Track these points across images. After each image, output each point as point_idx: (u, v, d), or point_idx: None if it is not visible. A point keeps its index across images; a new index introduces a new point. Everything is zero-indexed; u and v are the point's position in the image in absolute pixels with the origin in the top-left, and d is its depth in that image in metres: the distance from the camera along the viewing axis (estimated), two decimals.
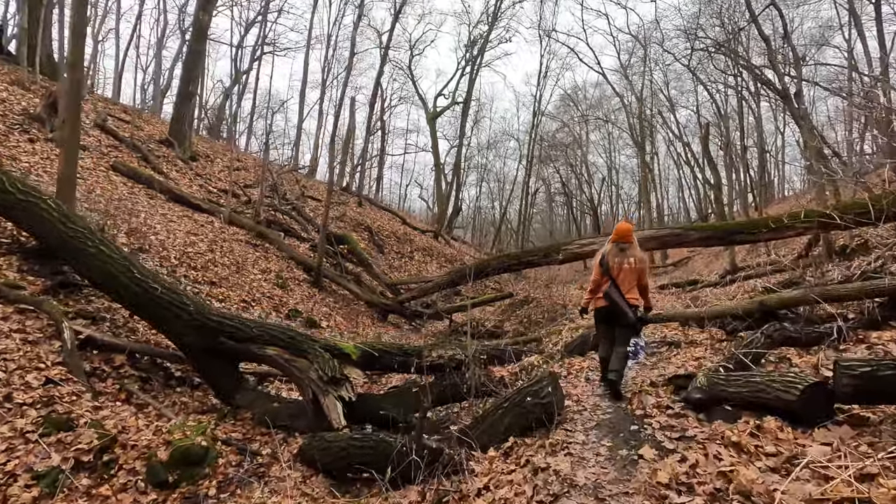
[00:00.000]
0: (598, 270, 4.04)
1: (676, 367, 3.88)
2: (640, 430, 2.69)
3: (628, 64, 31.15)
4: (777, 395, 2.49)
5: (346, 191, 20.72)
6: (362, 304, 11.25)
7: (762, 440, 2.20)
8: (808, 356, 3.45)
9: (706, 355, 4.10)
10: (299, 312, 8.58)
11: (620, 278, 3.87)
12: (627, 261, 3.92)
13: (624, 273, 3.89)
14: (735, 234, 7.73)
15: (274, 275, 9.41)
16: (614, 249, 4.03)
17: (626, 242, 3.99)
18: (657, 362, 4.28)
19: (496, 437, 2.81)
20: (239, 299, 7.65)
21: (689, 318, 5.14)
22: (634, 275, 3.90)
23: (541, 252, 9.53)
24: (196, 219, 9.98)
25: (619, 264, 3.92)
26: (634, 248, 4.02)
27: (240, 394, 4.82)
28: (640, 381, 3.63)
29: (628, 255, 3.95)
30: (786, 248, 13.74)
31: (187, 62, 12.97)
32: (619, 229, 4.08)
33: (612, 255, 3.99)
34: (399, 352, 4.82)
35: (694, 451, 2.25)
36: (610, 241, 4.10)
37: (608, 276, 3.92)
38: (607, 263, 3.95)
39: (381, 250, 16.76)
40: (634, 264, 3.92)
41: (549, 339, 6.21)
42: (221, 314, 4.84)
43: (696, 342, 4.80)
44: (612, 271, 3.91)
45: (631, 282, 3.88)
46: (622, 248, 4.00)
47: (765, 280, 8.53)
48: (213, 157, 14.94)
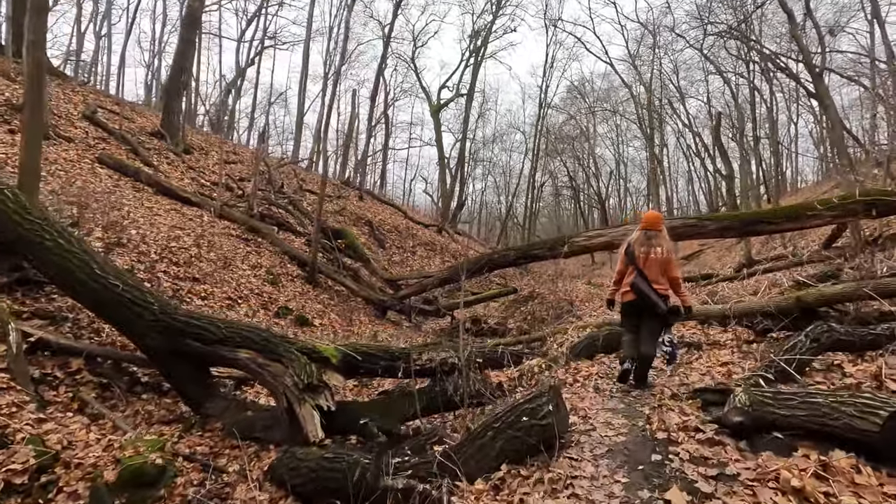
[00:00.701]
0: (623, 260, 3.88)
1: (700, 374, 3.36)
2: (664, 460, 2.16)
3: (637, 53, 30.37)
4: (849, 422, 1.94)
5: (347, 185, 20.26)
6: (360, 301, 10.80)
7: (833, 485, 1.67)
8: (864, 364, 2.88)
9: (734, 360, 3.57)
10: (290, 310, 8.13)
11: (647, 268, 3.69)
12: (654, 250, 3.73)
13: (650, 262, 3.71)
14: (755, 223, 7.15)
15: (265, 270, 8.97)
16: (641, 238, 3.84)
17: (654, 231, 3.83)
18: (676, 367, 3.76)
19: (486, 463, 2.32)
20: (224, 297, 7.21)
21: (711, 316, 4.59)
22: (662, 265, 3.71)
23: (546, 245, 8.99)
24: (184, 212, 9.56)
25: (646, 253, 3.73)
26: (662, 238, 3.83)
27: (210, 401, 4.37)
28: (660, 392, 3.11)
29: (655, 244, 3.76)
30: (804, 240, 13.06)
31: (178, 52, 12.52)
32: (648, 217, 3.96)
33: (639, 243, 3.81)
34: (384, 355, 4.33)
35: (740, 496, 1.74)
36: (638, 230, 3.92)
37: (634, 266, 3.75)
38: (633, 252, 3.79)
39: (381, 245, 16.30)
40: (661, 254, 3.72)
41: (553, 338, 5.70)
42: (189, 314, 4.38)
43: (719, 343, 4.26)
44: (637, 261, 3.73)
45: (658, 272, 3.69)
46: (649, 236, 3.81)
47: (788, 273, 7.94)
48: (207, 150, 14.52)
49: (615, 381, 3.70)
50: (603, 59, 30.63)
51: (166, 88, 13.30)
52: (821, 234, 11.76)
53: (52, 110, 10.87)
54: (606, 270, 27.87)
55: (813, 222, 6.75)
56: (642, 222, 3.96)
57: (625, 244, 4.01)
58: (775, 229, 7.16)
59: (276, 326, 7.45)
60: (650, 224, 3.88)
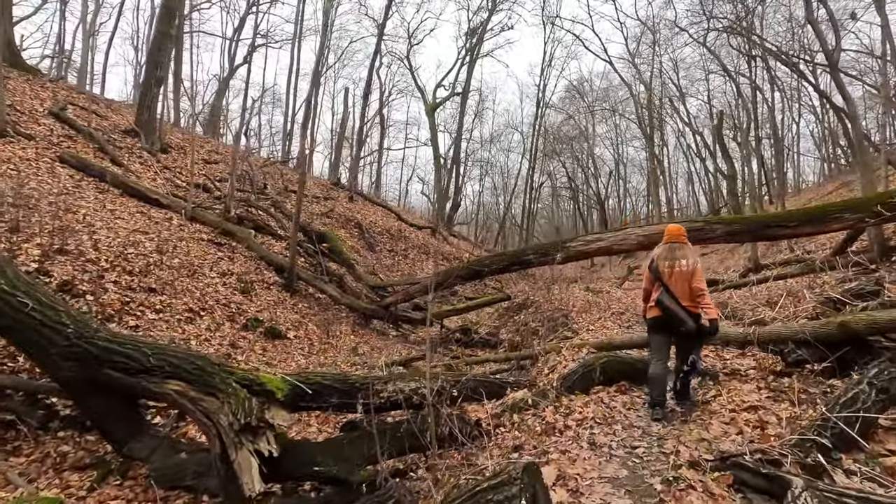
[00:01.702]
0: (648, 277, 3.78)
1: (723, 422, 2.69)
2: None
3: (636, 52, 29.76)
4: None
5: (337, 185, 19.59)
6: (343, 310, 10.14)
7: None
8: None
9: (763, 401, 2.91)
10: (260, 321, 7.46)
11: (673, 283, 3.54)
12: (679, 263, 3.58)
13: (676, 277, 3.55)
14: (768, 227, 6.49)
15: (236, 278, 8.30)
16: (664, 252, 3.71)
17: (678, 243, 3.70)
18: (688, 410, 3.11)
19: None
20: (184, 308, 6.54)
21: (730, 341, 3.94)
22: (687, 279, 3.52)
23: (540, 250, 8.32)
24: (152, 215, 8.89)
25: (671, 268, 3.58)
26: (687, 250, 3.70)
27: (137, 440, 3.70)
28: (673, 448, 2.44)
29: (679, 256, 3.62)
30: (812, 244, 12.41)
31: (153, 46, 11.87)
32: (670, 230, 3.84)
33: (662, 258, 3.67)
34: (342, 386, 3.66)
35: None
36: (662, 244, 3.80)
37: (659, 282, 3.60)
38: (657, 268, 3.65)
39: (371, 248, 15.64)
40: (687, 267, 3.55)
41: (545, 358, 5.05)
42: (112, 337, 3.70)
43: (739, 373, 3.61)
44: (662, 276, 3.59)
45: (685, 287, 3.52)
46: (673, 248, 3.68)
47: (804, 282, 7.28)
48: (188, 150, 13.84)
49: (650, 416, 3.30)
50: (602, 58, 30.04)
51: (141, 84, 12.64)
52: (831, 238, 11.11)
53: (14, 106, 10.22)
54: (606, 273, 27.19)
55: (833, 226, 6.11)
56: (665, 235, 3.82)
57: (648, 259, 3.88)
58: (791, 233, 6.51)
59: (241, 341, 6.79)
60: (673, 236, 3.74)
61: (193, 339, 6.09)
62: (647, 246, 7.95)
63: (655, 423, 3.04)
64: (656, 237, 7.62)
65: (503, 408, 3.54)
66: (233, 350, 6.40)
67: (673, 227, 3.92)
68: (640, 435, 2.76)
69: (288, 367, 6.59)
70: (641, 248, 7.89)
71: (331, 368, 6.67)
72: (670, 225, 4.01)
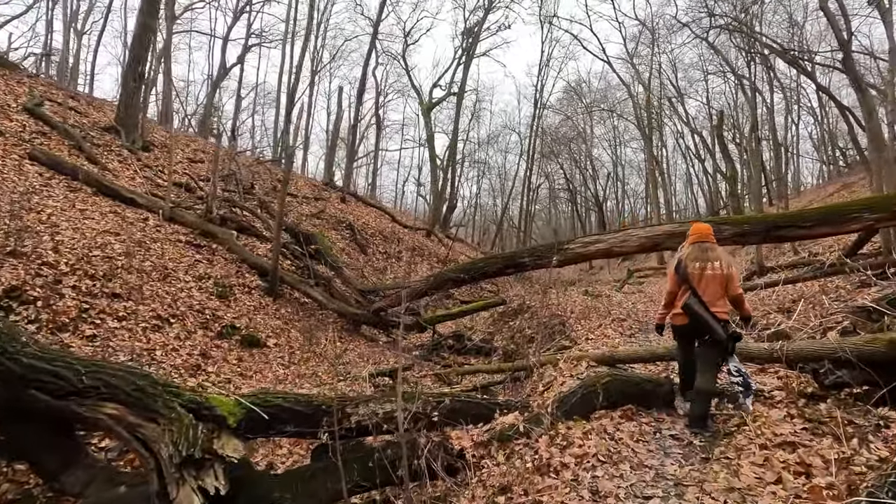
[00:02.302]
0: (673, 279, 3.44)
1: (754, 464, 2.21)
2: None
3: (635, 52, 29.42)
4: None
5: (329, 186, 19.12)
6: (330, 315, 9.66)
7: None
8: None
9: (799, 435, 2.41)
10: (237, 329, 6.98)
11: (703, 287, 3.24)
12: (711, 265, 3.28)
13: (706, 281, 3.25)
14: (780, 228, 6.05)
15: (213, 282, 7.82)
16: (694, 252, 3.38)
17: (709, 242, 3.41)
18: (708, 443, 2.65)
19: None
20: (151, 315, 6.05)
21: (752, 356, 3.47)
22: (720, 283, 3.25)
23: (535, 253, 7.87)
24: (126, 215, 8.41)
25: (701, 270, 3.28)
26: (718, 251, 3.41)
27: (70, 472, 3.22)
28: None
29: (711, 257, 3.31)
30: (820, 246, 11.98)
31: (135, 39, 11.40)
32: (699, 228, 3.52)
33: (692, 258, 3.35)
34: (305, 408, 3.20)
35: None
36: (687, 244, 3.48)
37: (687, 285, 3.28)
38: (685, 270, 3.33)
39: (363, 250, 15.16)
40: (721, 269, 3.27)
41: (540, 371, 4.59)
42: (42, 353, 3.22)
43: (764, 395, 3.16)
44: (691, 279, 3.28)
45: (716, 291, 3.25)
46: (704, 248, 3.37)
47: (816, 286, 6.85)
48: (172, 148, 13.35)
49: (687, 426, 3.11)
50: (600, 58, 29.72)
51: (122, 80, 12.17)
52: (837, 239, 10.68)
53: None
54: (605, 276, 26.75)
55: (851, 226, 5.67)
56: (692, 235, 3.49)
57: (674, 260, 3.54)
58: (805, 234, 6.07)
59: (215, 350, 6.31)
60: (702, 235, 3.42)
61: (159, 348, 5.62)
62: (648, 248, 7.51)
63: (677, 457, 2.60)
64: (658, 238, 7.16)
65: (491, 434, 3.08)
66: (204, 361, 5.92)
67: (702, 225, 3.59)
68: (654, 478, 2.27)
69: (264, 379, 6.12)
70: (643, 251, 7.46)
71: (307, 381, 6.20)
72: (698, 223, 3.67)
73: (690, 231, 3.56)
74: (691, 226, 3.77)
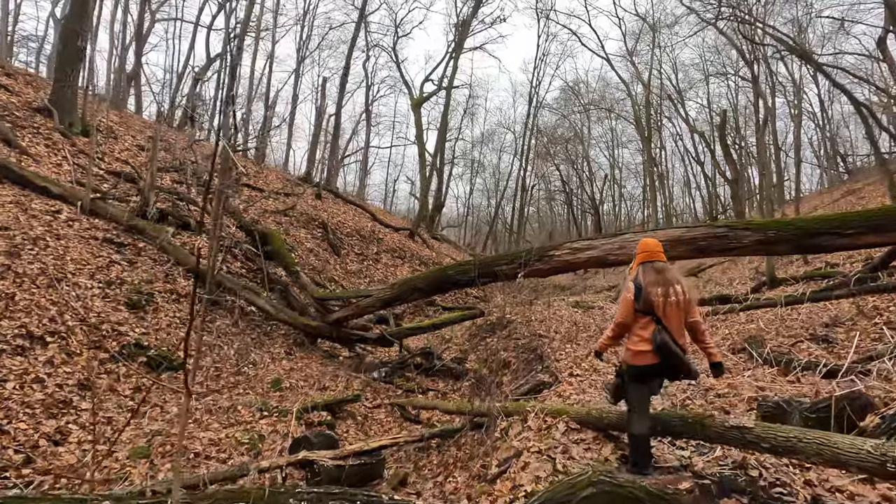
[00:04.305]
0: (629, 308, 2.73)
1: None
2: None
3: (634, 50, 28.27)
4: None
5: (305, 181, 17.78)
6: (282, 327, 8.36)
7: None
8: None
9: None
10: (143, 348, 5.67)
11: (667, 317, 2.62)
12: (674, 290, 2.67)
13: (671, 309, 2.65)
14: (815, 235, 4.79)
15: (127, 288, 6.50)
16: (652, 275, 2.74)
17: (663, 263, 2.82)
18: None
19: None
20: (16, 333, 4.73)
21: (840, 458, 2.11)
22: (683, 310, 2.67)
23: (516, 259, 6.60)
24: (32, 207, 7.09)
25: (664, 297, 2.66)
26: (675, 272, 2.82)
27: None
28: None
29: (671, 280, 2.71)
30: (840, 257, 10.76)
31: (71, 12, 10.08)
32: (648, 245, 2.91)
33: (651, 283, 2.70)
34: None
35: None
36: (635, 264, 2.88)
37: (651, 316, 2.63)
38: (646, 298, 2.66)
39: (336, 251, 13.85)
40: (682, 295, 2.67)
41: (506, 424, 3.33)
42: None
43: None
44: (655, 308, 2.63)
45: (680, 322, 2.66)
46: (660, 269, 2.75)
47: (853, 306, 5.62)
48: (120, 134, 12.02)
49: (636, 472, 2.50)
50: (599, 55, 28.52)
51: (57, 57, 10.83)
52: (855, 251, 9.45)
53: None
54: (598, 282, 25.46)
55: None
56: (642, 252, 2.91)
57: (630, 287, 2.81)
58: (848, 244, 4.81)
59: (103, 377, 5.00)
60: (653, 253, 2.86)
61: (14, 379, 4.30)
62: None
63: None
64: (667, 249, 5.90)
65: None
66: (80, 394, 4.61)
67: (650, 240, 2.94)
68: None
69: (162, 416, 4.82)
70: None
71: (217, 420, 4.89)
72: (646, 238, 3.04)
73: (638, 247, 2.93)
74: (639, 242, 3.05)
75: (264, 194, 13.32)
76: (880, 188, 20.15)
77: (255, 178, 15.00)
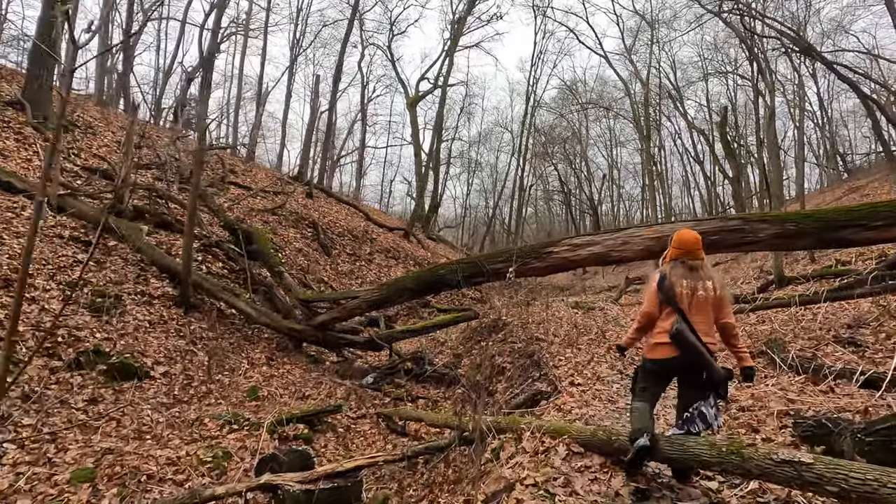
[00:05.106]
0: (654, 298, 2.59)
1: None
2: None
3: (633, 48, 27.88)
4: None
5: (296, 179, 17.30)
6: (265, 331, 7.89)
7: None
8: None
9: None
10: (104, 354, 5.17)
11: (693, 312, 2.46)
12: (703, 285, 2.50)
13: (698, 304, 2.48)
14: (839, 228, 4.37)
15: (91, 290, 6.02)
16: (680, 269, 2.55)
17: (698, 260, 2.59)
18: None
19: None
20: None
21: None
22: (712, 307, 2.50)
23: (511, 257, 6.14)
24: None
25: (692, 290, 2.49)
26: (709, 269, 2.61)
27: None
28: None
29: (703, 276, 2.53)
30: (851, 254, 10.32)
31: (46, 1, 9.62)
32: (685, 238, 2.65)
33: (678, 275, 2.53)
34: None
35: None
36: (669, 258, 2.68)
37: (674, 308, 2.48)
38: (670, 289, 2.51)
39: (327, 252, 13.38)
40: (713, 291, 2.51)
41: (497, 443, 2.86)
42: None
43: None
44: (679, 300, 2.48)
45: (707, 319, 2.49)
46: (693, 266, 2.56)
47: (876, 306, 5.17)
48: (100, 130, 11.53)
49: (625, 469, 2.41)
50: (597, 52, 28.09)
51: (31, 51, 10.36)
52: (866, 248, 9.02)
53: None
54: (599, 281, 25.02)
55: None
56: (675, 247, 2.67)
57: (656, 276, 2.66)
58: (874, 238, 4.38)
59: (52, 387, 4.52)
60: (690, 249, 2.61)
61: None
62: (656, 253, 5.74)
63: None
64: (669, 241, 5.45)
65: None
66: (24, 407, 4.13)
67: (688, 234, 2.69)
68: None
69: (117, 432, 4.33)
70: (649, 256, 5.73)
71: (179, 436, 4.41)
72: (684, 231, 2.75)
73: (673, 240, 2.73)
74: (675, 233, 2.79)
75: (251, 192, 12.83)
76: (884, 185, 19.78)
77: (243, 175, 14.51)
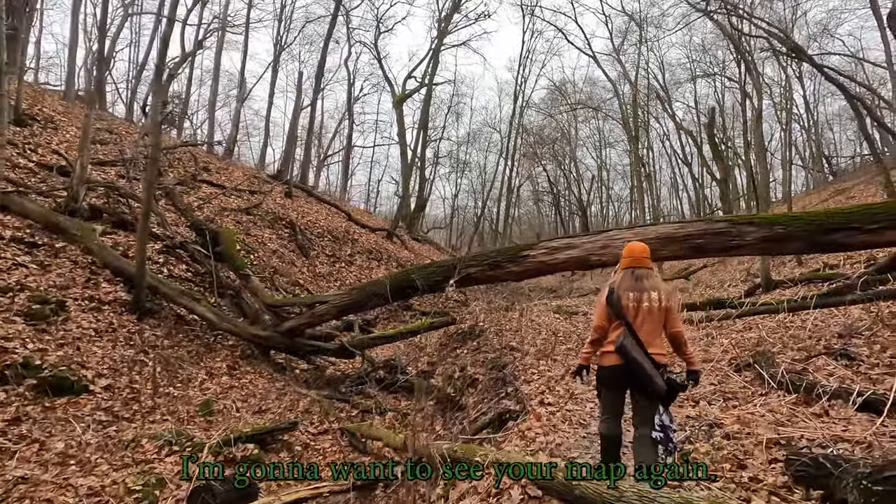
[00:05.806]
0: (603, 311, 2.63)
1: None
2: None
3: (621, 48, 27.76)
4: None
5: (276, 178, 16.79)
6: (230, 337, 7.43)
7: None
8: None
9: None
10: (35, 368, 4.71)
11: (639, 323, 2.52)
12: (648, 296, 2.54)
13: (643, 315, 2.53)
14: (831, 231, 4.07)
15: (30, 295, 5.53)
16: (627, 281, 2.62)
17: (644, 269, 2.66)
18: None
19: None
20: None
21: None
22: (659, 318, 2.54)
23: (487, 260, 5.78)
24: None
25: (637, 303, 2.54)
26: (655, 279, 2.66)
27: None
28: None
29: (648, 287, 2.57)
30: (839, 258, 10.12)
31: None
32: (633, 250, 2.76)
33: (625, 288, 2.60)
34: None
35: None
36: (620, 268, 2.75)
37: (621, 321, 2.54)
38: (617, 301, 2.56)
39: (304, 253, 12.92)
40: (659, 302, 2.53)
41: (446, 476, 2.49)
42: None
43: None
44: (625, 313, 2.54)
45: (653, 329, 2.53)
46: (638, 276, 2.61)
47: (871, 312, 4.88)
48: (62, 125, 10.96)
49: None
50: (586, 52, 27.89)
51: None
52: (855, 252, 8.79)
53: None
54: (586, 283, 24.74)
55: None
56: (625, 258, 2.74)
57: (605, 290, 2.69)
58: (868, 241, 4.08)
59: None
60: (637, 259, 2.68)
61: None
62: None
63: None
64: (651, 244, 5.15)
65: None
66: None
67: (637, 245, 2.78)
68: None
69: (36, 458, 3.87)
70: None
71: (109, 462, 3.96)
72: (632, 243, 2.87)
73: (624, 251, 2.79)
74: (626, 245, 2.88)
75: (224, 191, 12.33)
76: (869, 188, 19.79)
77: (217, 174, 13.98)
